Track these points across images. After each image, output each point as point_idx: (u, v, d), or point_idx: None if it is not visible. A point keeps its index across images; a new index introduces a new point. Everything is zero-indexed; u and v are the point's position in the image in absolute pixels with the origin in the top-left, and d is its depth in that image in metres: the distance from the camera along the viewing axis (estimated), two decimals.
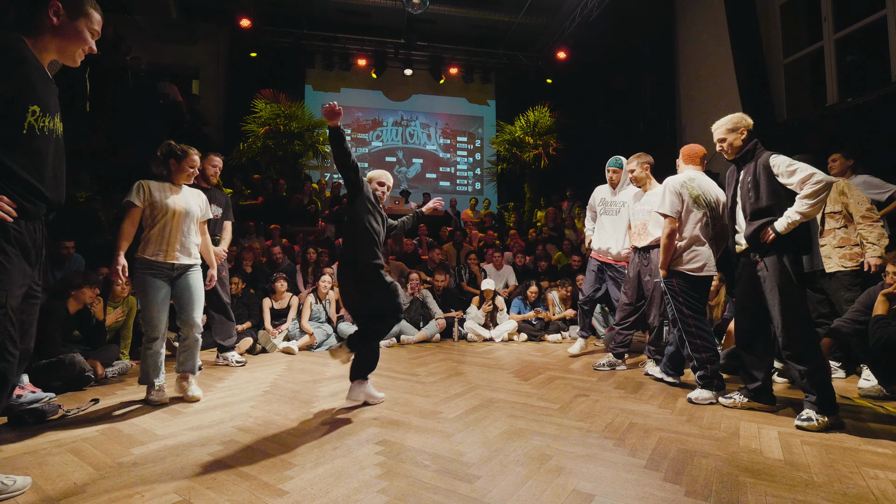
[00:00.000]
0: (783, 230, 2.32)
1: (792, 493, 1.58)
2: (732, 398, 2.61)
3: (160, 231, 2.63)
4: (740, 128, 2.53)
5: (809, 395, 2.27)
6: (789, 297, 2.32)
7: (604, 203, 4.04)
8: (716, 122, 2.62)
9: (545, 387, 3.08)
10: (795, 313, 2.32)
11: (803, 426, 2.21)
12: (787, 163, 2.35)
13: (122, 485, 1.64)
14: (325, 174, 10.87)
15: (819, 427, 2.18)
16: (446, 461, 1.85)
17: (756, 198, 2.43)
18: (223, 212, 3.74)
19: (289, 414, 2.48)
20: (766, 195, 2.39)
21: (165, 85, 7.50)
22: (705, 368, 2.73)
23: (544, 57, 11.19)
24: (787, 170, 2.34)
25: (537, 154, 9.53)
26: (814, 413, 2.22)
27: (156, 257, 2.60)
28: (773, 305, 2.36)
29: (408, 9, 8.57)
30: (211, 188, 3.65)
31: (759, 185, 2.43)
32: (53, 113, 1.57)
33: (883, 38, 4.89)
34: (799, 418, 2.26)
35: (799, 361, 2.29)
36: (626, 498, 1.55)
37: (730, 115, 2.59)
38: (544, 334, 5.23)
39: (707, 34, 7.22)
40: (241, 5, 9.13)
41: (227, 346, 3.75)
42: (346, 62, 11.22)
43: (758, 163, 2.45)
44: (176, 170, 2.73)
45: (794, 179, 2.30)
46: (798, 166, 2.31)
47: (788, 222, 2.30)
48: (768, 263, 2.39)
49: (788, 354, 2.33)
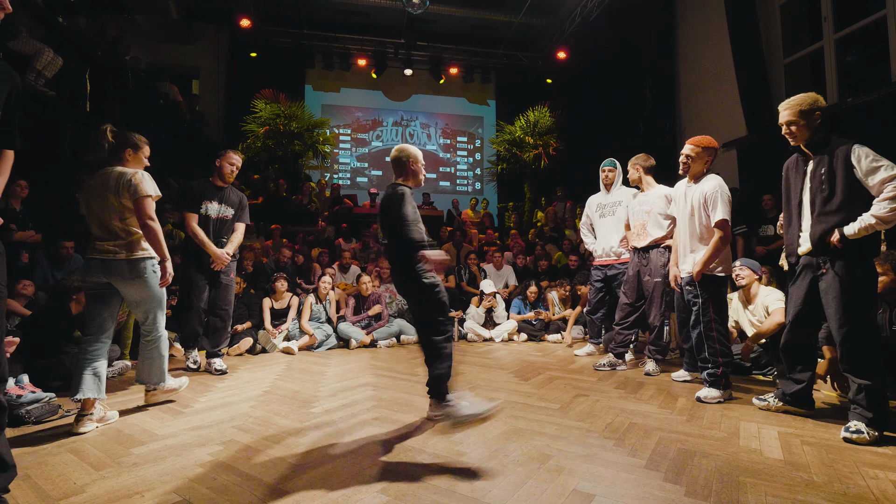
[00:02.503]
0: (853, 234, 2.06)
1: (792, 493, 1.58)
2: (766, 401, 2.51)
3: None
4: (816, 111, 2.21)
5: (858, 408, 2.10)
6: (855, 308, 2.10)
7: (600, 207, 4.06)
8: (785, 101, 2.30)
9: (545, 387, 3.08)
10: (863, 325, 2.10)
11: (853, 439, 2.03)
12: (872, 157, 2.06)
13: (122, 485, 1.64)
14: (325, 174, 10.87)
15: (869, 441, 2.01)
16: (446, 461, 1.85)
17: (830, 193, 2.14)
18: (235, 212, 3.53)
19: (289, 414, 2.48)
20: (841, 191, 2.11)
21: (165, 85, 7.49)
22: (718, 367, 2.73)
23: (544, 57, 11.20)
24: (869, 165, 2.05)
25: (537, 154, 9.54)
26: (863, 426, 2.05)
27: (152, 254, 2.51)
28: (836, 315, 2.13)
29: (408, 9, 8.57)
30: (226, 187, 3.51)
31: (834, 179, 2.14)
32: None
33: (883, 38, 4.89)
34: (846, 430, 2.07)
35: (860, 375, 2.11)
36: (626, 498, 1.55)
37: (801, 94, 2.29)
38: (544, 334, 5.23)
39: (707, 34, 7.21)
40: (241, 5, 9.13)
41: (213, 353, 3.54)
42: (346, 62, 11.22)
43: (836, 153, 2.15)
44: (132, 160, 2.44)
45: (875, 179, 2.03)
46: (884, 164, 2.03)
47: (861, 227, 2.04)
48: (836, 270, 2.13)
49: (847, 367, 2.14)
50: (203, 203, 3.39)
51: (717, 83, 6.99)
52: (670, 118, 8.08)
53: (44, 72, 4.58)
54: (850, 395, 2.18)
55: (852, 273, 2.12)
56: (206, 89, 10.31)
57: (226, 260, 3.41)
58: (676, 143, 8.00)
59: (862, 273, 2.12)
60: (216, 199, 3.45)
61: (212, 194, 3.44)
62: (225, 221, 3.48)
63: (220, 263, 3.38)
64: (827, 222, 2.17)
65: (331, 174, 11.33)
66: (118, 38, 6.42)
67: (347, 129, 11.73)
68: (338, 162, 11.61)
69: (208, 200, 3.42)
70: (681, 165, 2.96)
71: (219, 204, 3.45)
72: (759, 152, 5.98)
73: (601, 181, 4.06)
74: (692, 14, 7.72)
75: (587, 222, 4.21)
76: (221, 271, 3.43)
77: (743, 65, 6.22)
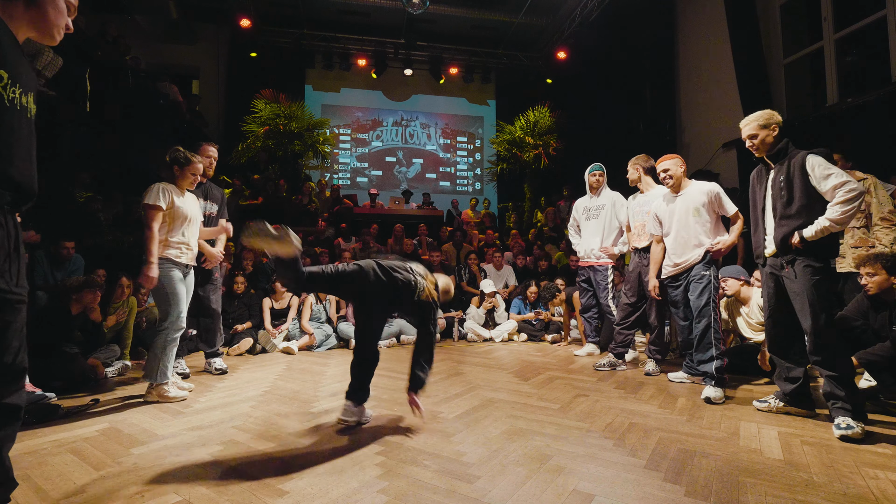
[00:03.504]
0: (811, 237, 2.21)
1: (792, 493, 1.58)
2: (767, 402, 2.52)
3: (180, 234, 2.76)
4: (772, 124, 2.42)
5: (837, 402, 2.18)
6: (817, 303, 2.22)
7: (586, 210, 4.27)
8: (745, 118, 2.50)
9: (545, 387, 3.08)
10: (822, 321, 2.22)
11: (847, 435, 2.06)
12: (824, 166, 2.23)
13: (122, 485, 1.64)
14: (325, 174, 10.87)
15: (861, 435, 2.06)
16: (446, 461, 1.85)
17: (788, 199, 2.32)
18: (219, 209, 3.45)
19: (289, 414, 2.48)
20: (799, 197, 2.28)
21: (165, 85, 7.49)
22: (723, 358, 2.82)
23: (544, 57, 11.19)
24: (822, 173, 2.22)
25: (537, 154, 9.53)
26: (851, 420, 2.10)
27: (178, 259, 2.74)
28: (801, 311, 2.28)
29: (408, 9, 8.57)
30: (207, 182, 3.40)
31: (792, 186, 2.31)
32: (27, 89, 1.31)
33: (883, 38, 4.90)
34: (838, 427, 2.11)
35: (828, 367, 2.22)
36: (626, 498, 1.55)
37: (759, 111, 2.49)
38: (544, 334, 5.23)
39: (707, 34, 7.22)
40: (241, 5, 9.13)
41: (212, 353, 3.52)
42: (346, 62, 11.22)
43: (792, 162, 2.33)
44: (179, 175, 2.80)
45: (827, 185, 2.19)
46: (833, 171, 2.20)
47: (818, 229, 2.20)
48: (796, 269, 2.28)
49: (817, 360, 2.25)
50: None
51: (717, 83, 7.00)
52: (670, 118, 8.08)
53: (44, 72, 4.58)
54: (822, 389, 2.32)
55: (812, 272, 2.25)
56: (206, 89, 10.31)
57: (220, 258, 3.36)
58: (676, 143, 8.02)
59: (821, 272, 2.25)
60: (200, 196, 3.31)
61: (195, 192, 3.28)
62: (211, 218, 3.38)
63: (214, 261, 3.32)
64: (788, 226, 2.32)
65: (331, 174, 11.33)
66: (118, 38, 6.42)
67: (347, 129, 11.73)
68: (338, 162, 11.61)
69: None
70: (665, 182, 3.16)
71: (203, 201, 3.32)
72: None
73: (588, 185, 4.22)
74: (692, 14, 7.72)
75: (574, 224, 4.43)
76: (210, 270, 3.38)
77: (743, 65, 6.22)
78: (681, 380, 3.20)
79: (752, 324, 3.39)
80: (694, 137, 7.86)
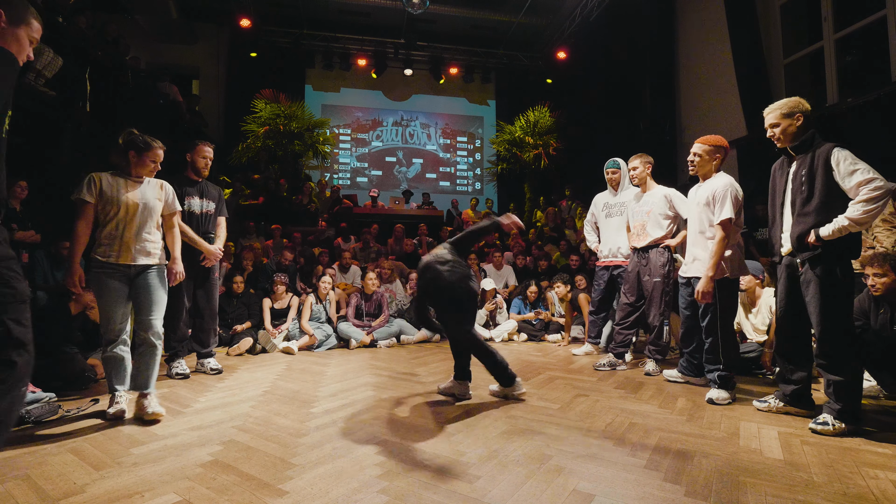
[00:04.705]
0: (828, 236, 2.09)
1: (792, 493, 1.58)
2: (767, 402, 2.51)
3: (113, 230, 2.38)
4: (796, 113, 2.27)
5: (833, 405, 2.16)
6: (833, 306, 2.14)
7: (607, 206, 4.00)
8: (768, 106, 2.37)
9: (545, 387, 3.08)
10: (838, 324, 2.14)
11: (817, 429, 2.12)
12: (851, 160, 2.09)
13: (122, 485, 1.64)
14: (325, 174, 10.87)
15: (834, 432, 2.10)
16: (446, 461, 1.85)
17: (808, 195, 2.18)
18: (216, 206, 3.42)
19: (289, 414, 2.48)
20: (820, 193, 2.15)
21: (165, 85, 7.49)
22: (728, 368, 2.72)
23: (544, 57, 11.20)
24: (848, 168, 2.08)
25: (537, 154, 9.54)
26: (831, 418, 2.13)
27: (107, 258, 2.36)
28: (815, 313, 2.18)
29: (408, 9, 8.57)
30: (202, 181, 3.36)
31: (814, 180, 2.17)
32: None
33: (883, 38, 4.89)
34: (815, 421, 2.16)
35: (833, 372, 2.15)
36: (626, 498, 1.55)
37: (785, 98, 2.35)
38: (544, 334, 5.23)
39: (707, 34, 7.22)
40: (241, 5, 9.13)
41: (206, 353, 3.47)
42: (346, 62, 11.22)
43: (816, 153, 2.19)
44: (136, 162, 2.46)
45: (852, 182, 2.06)
46: (860, 167, 2.06)
47: (835, 228, 2.07)
48: (814, 270, 2.17)
49: (823, 364, 2.19)
50: (185, 199, 3.25)
51: (717, 83, 6.99)
52: (670, 118, 8.07)
53: (44, 72, 4.58)
54: (822, 389, 2.27)
55: (830, 273, 2.15)
56: (206, 89, 10.31)
57: (219, 255, 3.33)
58: (676, 143, 8.01)
59: (839, 274, 2.15)
60: (196, 195, 3.31)
61: (191, 190, 3.31)
62: (209, 216, 3.36)
63: (213, 259, 3.30)
64: (805, 223, 2.20)
65: (331, 174, 11.33)
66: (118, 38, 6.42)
67: (347, 129, 11.74)
68: (338, 162, 11.61)
69: (189, 196, 3.29)
70: (689, 165, 2.92)
71: (200, 199, 3.33)
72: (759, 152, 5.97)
73: (608, 182, 4.01)
74: (692, 14, 7.72)
75: (592, 220, 4.17)
76: (210, 269, 3.36)
77: (743, 65, 6.22)
78: (675, 378, 3.21)
79: (756, 325, 3.40)
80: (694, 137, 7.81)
